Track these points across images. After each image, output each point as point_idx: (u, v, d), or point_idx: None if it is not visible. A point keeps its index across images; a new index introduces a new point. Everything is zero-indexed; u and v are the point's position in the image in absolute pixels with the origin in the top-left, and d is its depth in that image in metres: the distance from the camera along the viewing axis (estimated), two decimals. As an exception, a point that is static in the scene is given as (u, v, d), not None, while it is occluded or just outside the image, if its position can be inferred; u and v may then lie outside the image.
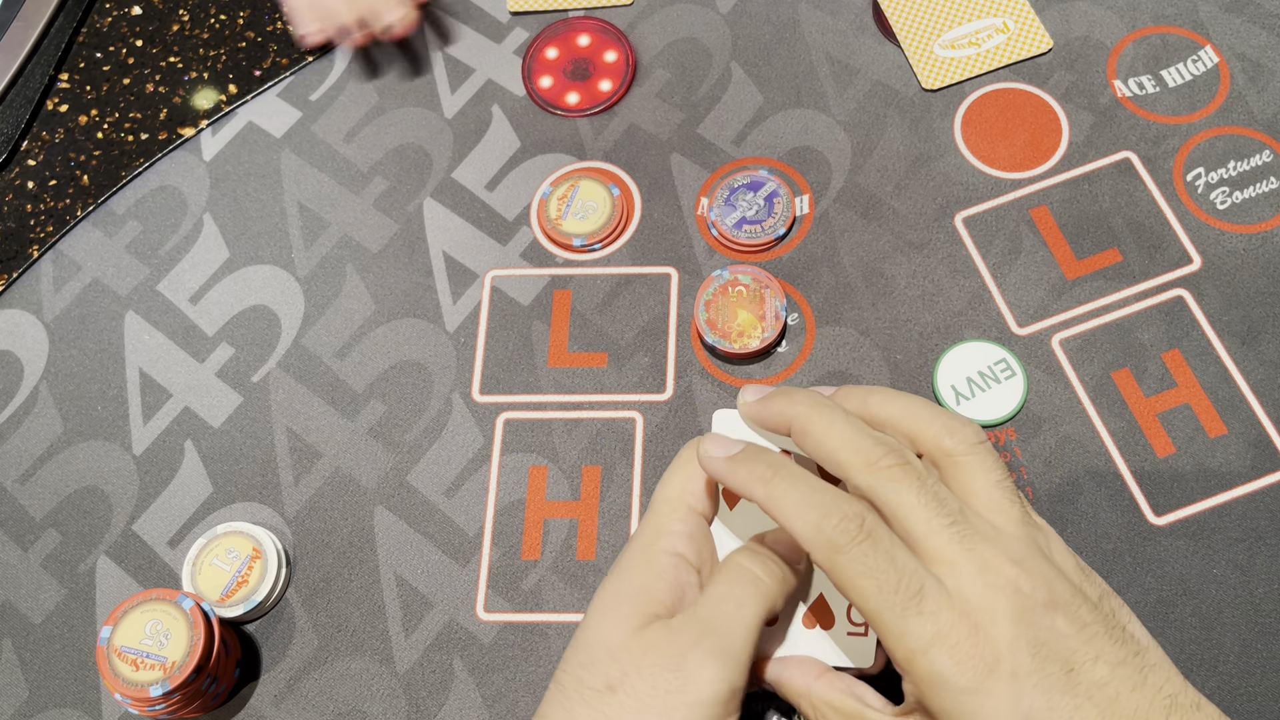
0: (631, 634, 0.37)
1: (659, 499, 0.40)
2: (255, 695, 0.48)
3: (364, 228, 0.58)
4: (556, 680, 0.38)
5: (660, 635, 0.37)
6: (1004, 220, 0.55)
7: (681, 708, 0.35)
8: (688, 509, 0.40)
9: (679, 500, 0.40)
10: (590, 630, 0.38)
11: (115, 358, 0.56)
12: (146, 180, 0.60)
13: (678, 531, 0.39)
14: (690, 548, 0.39)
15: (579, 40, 0.62)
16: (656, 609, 0.37)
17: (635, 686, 0.35)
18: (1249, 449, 0.49)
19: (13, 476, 0.53)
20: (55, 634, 0.50)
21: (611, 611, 0.38)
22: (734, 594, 0.37)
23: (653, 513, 0.40)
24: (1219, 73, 0.57)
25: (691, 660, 0.35)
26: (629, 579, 0.38)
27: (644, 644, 0.36)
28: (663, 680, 0.35)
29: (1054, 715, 0.32)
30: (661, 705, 0.35)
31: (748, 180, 0.56)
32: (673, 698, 0.35)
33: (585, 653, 0.37)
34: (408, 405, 0.53)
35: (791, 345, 0.53)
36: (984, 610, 0.33)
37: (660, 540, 0.39)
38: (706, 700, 0.35)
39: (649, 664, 0.36)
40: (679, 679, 0.35)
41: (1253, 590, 0.46)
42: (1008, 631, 0.32)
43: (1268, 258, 0.53)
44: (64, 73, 0.64)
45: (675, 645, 0.36)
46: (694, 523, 0.39)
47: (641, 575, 0.38)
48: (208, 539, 0.49)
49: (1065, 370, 0.51)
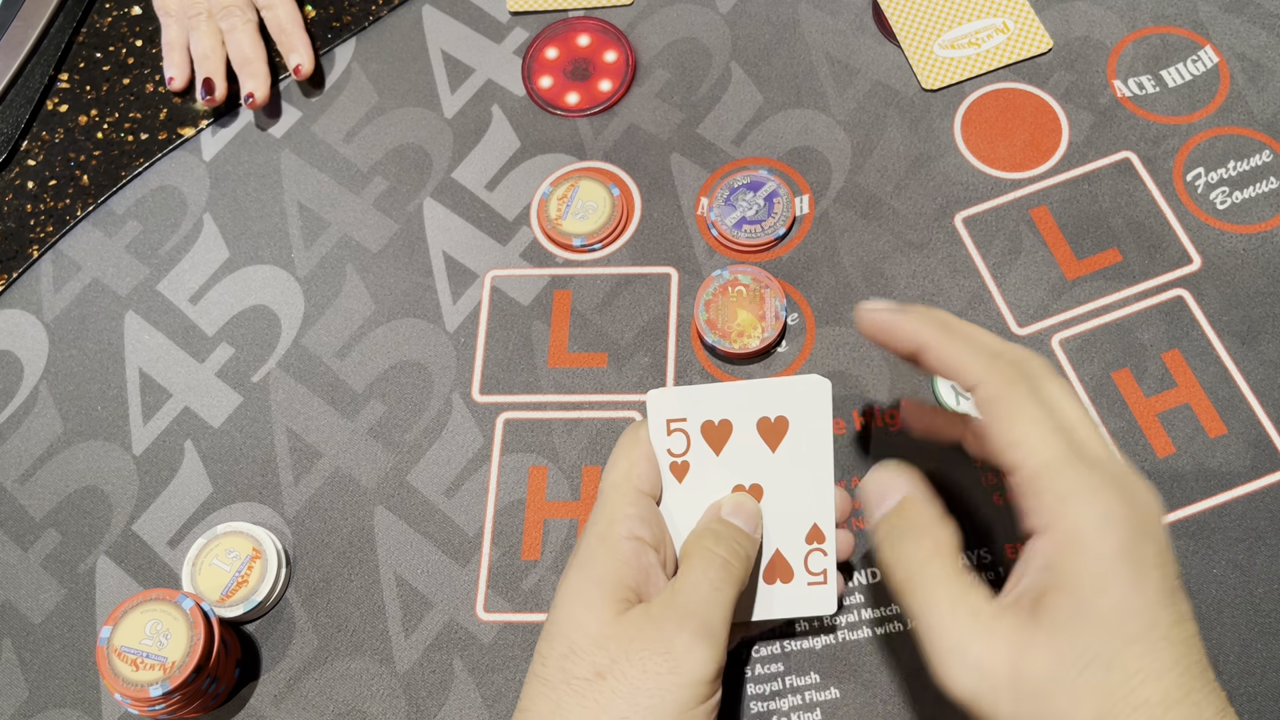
0: (611, 621, 0.37)
1: (607, 485, 0.41)
2: (255, 695, 0.48)
3: (364, 228, 0.58)
4: (536, 675, 0.38)
5: (643, 621, 0.37)
6: (1004, 220, 0.55)
7: (674, 689, 0.36)
8: (636, 492, 0.41)
9: (627, 484, 0.41)
10: (564, 621, 0.38)
11: (115, 358, 0.56)
12: (146, 180, 0.60)
13: (631, 515, 0.40)
14: (645, 529, 0.40)
15: (579, 40, 0.62)
16: (627, 594, 0.38)
17: (625, 672, 0.36)
18: (1249, 449, 0.49)
19: (13, 476, 0.53)
20: (55, 634, 0.50)
21: (583, 601, 0.38)
22: (709, 578, 0.38)
23: (603, 500, 0.41)
24: (1219, 73, 0.57)
25: (679, 643, 0.36)
26: (593, 568, 0.39)
27: (628, 630, 0.37)
28: (653, 664, 0.36)
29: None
30: (653, 687, 0.36)
31: (748, 180, 0.56)
32: (664, 680, 0.36)
33: (563, 643, 0.38)
34: (408, 405, 0.53)
35: (791, 345, 0.53)
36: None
37: (616, 526, 0.40)
38: (698, 680, 0.36)
39: (637, 649, 0.36)
40: (669, 661, 0.36)
41: (1253, 590, 0.46)
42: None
43: (1268, 258, 0.53)
44: (64, 73, 0.64)
45: (660, 630, 0.37)
46: (644, 504, 0.41)
47: (605, 563, 0.39)
48: (208, 539, 0.49)
49: (1065, 370, 0.51)
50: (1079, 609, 0.33)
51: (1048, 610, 0.33)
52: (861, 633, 0.47)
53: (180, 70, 0.62)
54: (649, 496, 0.41)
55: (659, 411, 0.42)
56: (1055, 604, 0.33)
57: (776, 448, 0.42)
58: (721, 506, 0.41)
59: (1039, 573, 0.34)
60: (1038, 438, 0.35)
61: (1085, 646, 0.33)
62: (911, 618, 0.36)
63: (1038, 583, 0.34)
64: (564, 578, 0.40)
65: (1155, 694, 0.32)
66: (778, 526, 0.42)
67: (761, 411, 0.41)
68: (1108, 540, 0.33)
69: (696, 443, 0.42)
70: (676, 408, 0.42)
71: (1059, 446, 0.34)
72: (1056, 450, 0.34)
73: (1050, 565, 0.34)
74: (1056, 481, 0.34)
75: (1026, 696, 0.33)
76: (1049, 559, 0.34)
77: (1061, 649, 0.33)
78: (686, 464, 0.42)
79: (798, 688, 0.46)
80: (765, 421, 0.41)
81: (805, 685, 0.46)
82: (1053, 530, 0.34)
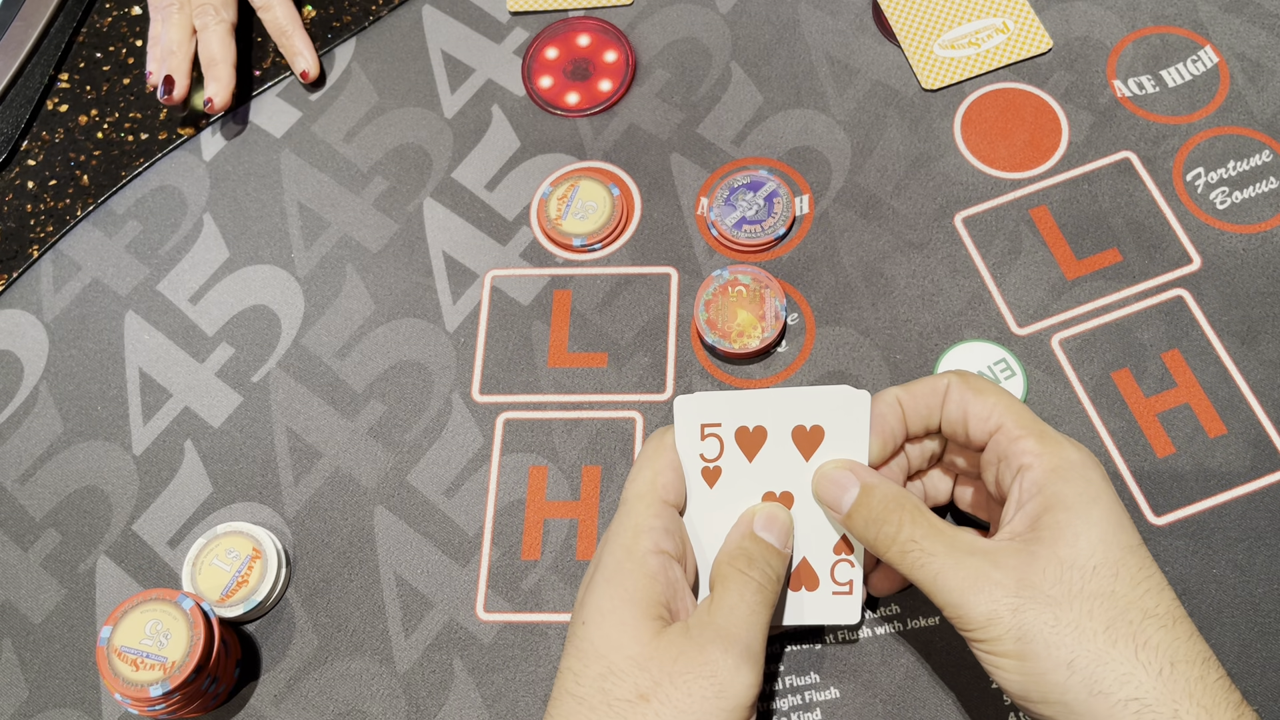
0: (650, 642, 0.37)
1: (631, 495, 0.41)
2: (255, 695, 0.48)
3: (364, 228, 0.58)
4: (570, 693, 0.37)
5: (683, 642, 0.37)
6: (1004, 220, 0.55)
7: (719, 713, 0.36)
8: (660, 503, 0.40)
9: (651, 495, 0.40)
10: (600, 640, 0.38)
11: (115, 358, 0.56)
12: (146, 180, 0.60)
13: (656, 527, 0.40)
14: (670, 541, 0.40)
15: (579, 40, 0.62)
16: (660, 611, 0.38)
17: (669, 695, 0.36)
18: (1249, 449, 0.49)
19: (13, 476, 0.53)
20: (55, 634, 0.50)
21: (616, 619, 0.38)
22: (746, 602, 0.38)
23: (627, 510, 0.40)
24: (1219, 73, 0.57)
25: (725, 667, 0.36)
26: (623, 584, 0.38)
27: (669, 652, 0.37)
28: (699, 687, 0.36)
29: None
30: (700, 711, 0.36)
31: (748, 180, 0.56)
32: (710, 703, 0.36)
33: (600, 663, 0.37)
34: (408, 405, 0.53)
35: (791, 345, 0.53)
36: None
37: (642, 539, 0.39)
38: (743, 704, 0.37)
39: (680, 672, 0.36)
40: (715, 685, 0.36)
41: (1252, 590, 0.46)
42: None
43: (1268, 258, 0.53)
44: (64, 73, 0.64)
45: (704, 653, 0.37)
46: (668, 515, 0.40)
47: (634, 579, 0.38)
48: (208, 539, 0.49)
49: (1065, 370, 0.51)
50: (1076, 519, 0.36)
51: (1047, 528, 0.36)
52: (861, 632, 0.47)
53: (156, 66, 0.59)
54: (672, 507, 0.41)
55: (694, 414, 0.41)
56: (1053, 521, 0.36)
57: (810, 456, 0.41)
58: (754, 520, 0.41)
59: (1031, 501, 0.37)
60: (1005, 403, 0.39)
61: (1090, 552, 0.35)
62: (916, 581, 0.38)
63: (1032, 510, 0.37)
64: (589, 591, 0.39)
65: (1161, 606, 0.35)
66: (806, 535, 0.42)
67: (798, 420, 0.41)
68: (1088, 465, 0.37)
69: (730, 448, 0.41)
70: (712, 412, 0.41)
71: (1021, 407, 0.39)
72: (1022, 409, 0.39)
73: (1042, 489, 0.37)
74: (1033, 425, 0.39)
75: (1041, 605, 0.35)
76: (1040, 485, 0.37)
77: (1065, 556, 0.35)
78: (719, 469, 0.42)
79: (798, 688, 0.46)
80: (801, 430, 0.41)
81: (805, 685, 0.46)
82: (1040, 461, 0.37)
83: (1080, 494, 0.36)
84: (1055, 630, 0.34)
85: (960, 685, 0.45)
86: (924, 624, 0.47)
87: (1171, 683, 0.33)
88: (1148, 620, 0.34)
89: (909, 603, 0.47)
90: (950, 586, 0.36)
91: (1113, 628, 0.34)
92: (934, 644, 0.46)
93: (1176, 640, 0.34)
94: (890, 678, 0.46)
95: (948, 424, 0.41)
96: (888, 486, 0.40)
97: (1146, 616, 0.35)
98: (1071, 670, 0.34)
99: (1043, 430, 0.39)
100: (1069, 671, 0.34)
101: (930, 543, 0.37)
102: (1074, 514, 0.36)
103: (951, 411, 0.41)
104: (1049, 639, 0.34)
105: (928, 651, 0.46)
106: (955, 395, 0.40)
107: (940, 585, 0.36)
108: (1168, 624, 0.35)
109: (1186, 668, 0.34)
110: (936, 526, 0.38)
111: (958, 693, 0.45)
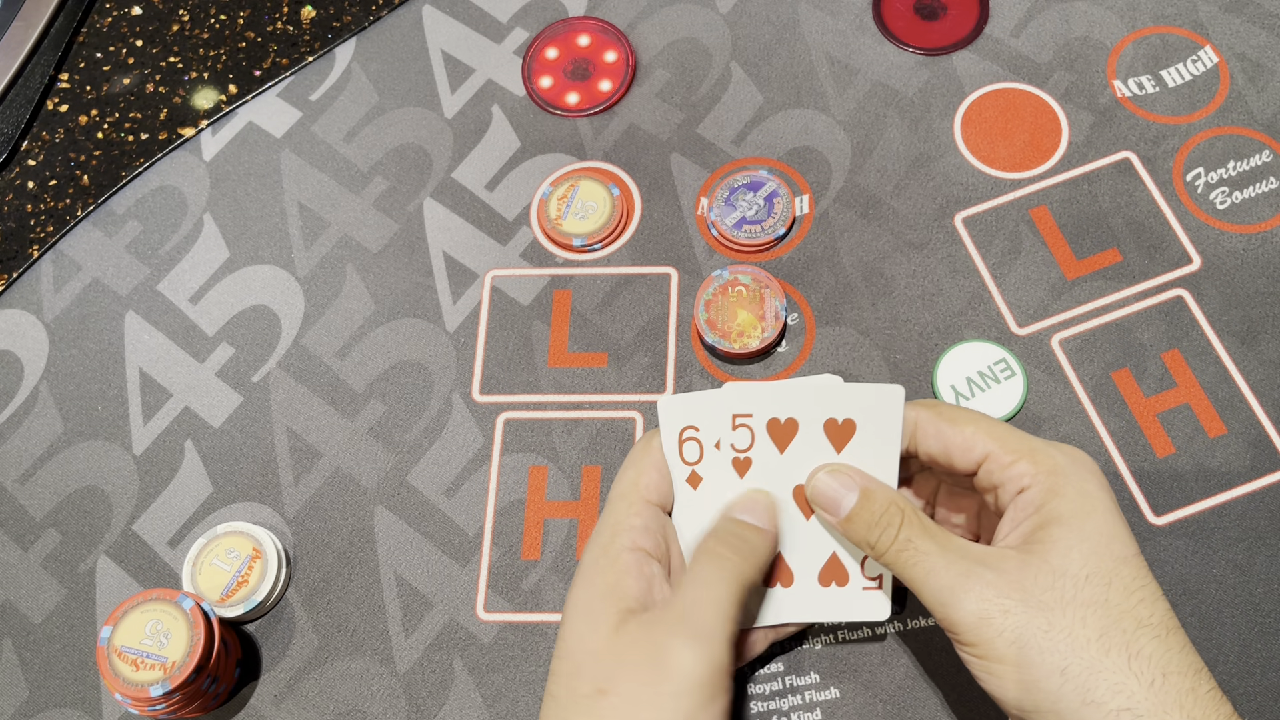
0: (610, 634, 0.37)
1: (613, 496, 0.41)
2: (255, 695, 0.48)
3: (364, 228, 0.58)
4: (550, 693, 0.38)
5: (638, 631, 0.37)
6: (1004, 220, 0.55)
7: (670, 698, 0.35)
8: (642, 502, 0.40)
9: (632, 494, 0.41)
10: (569, 638, 0.38)
11: (115, 358, 0.56)
12: (146, 180, 0.60)
13: (635, 526, 0.40)
14: (649, 540, 0.40)
15: (579, 40, 0.62)
16: (629, 604, 0.38)
17: (623, 686, 0.36)
18: (1249, 449, 0.49)
19: (13, 476, 0.53)
20: (55, 634, 0.50)
21: (585, 615, 0.38)
22: (701, 575, 0.38)
23: (609, 510, 0.41)
24: (1219, 73, 0.57)
25: (670, 649, 0.36)
26: (595, 580, 0.39)
27: (624, 642, 0.37)
28: (645, 674, 0.36)
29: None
30: (650, 698, 0.35)
31: (748, 180, 0.56)
32: (659, 689, 0.35)
33: (569, 661, 0.38)
34: (408, 405, 0.53)
35: (791, 345, 0.53)
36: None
37: (619, 537, 0.39)
38: (691, 685, 0.35)
39: (631, 661, 0.36)
40: (660, 670, 0.36)
41: (1252, 590, 0.46)
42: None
43: (1267, 258, 0.53)
44: (64, 73, 0.64)
45: (653, 637, 0.37)
46: (650, 515, 0.40)
47: (606, 575, 0.39)
48: (208, 539, 0.49)
49: (1065, 370, 0.51)
50: (1069, 533, 0.36)
51: (1041, 541, 0.36)
52: (861, 632, 0.47)
53: None
54: (655, 506, 0.41)
55: (727, 404, 0.41)
56: (1048, 535, 0.36)
57: (841, 450, 0.41)
58: (732, 506, 0.41)
59: (1028, 519, 0.37)
60: (985, 428, 0.39)
61: (1082, 562, 0.35)
62: (907, 580, 0.38)
63: (1027, 527, 0.37)
64: (570, 591, 0.39)
65: (1155, 616, 0.35)
66: (835, 529, 0.42)
67: (830, 413, 0.41)
68: (1084, 475, 0.37)
69: (761, 439, 0.41)
70: (745, 403, 0.41)
71: (1004, 428, 0.39)
72: (1005, 429, 0.39)
73: (1039, 507, 0.37)
74: (1022, 446, 0.38)
75: (1033, 609, 0.35)
76: (1037, 504, 0.37)
77: (1058, 566, 0.35)
78: (749, 460, 0.42)
79: (798, 688, 0.46)
80: (833, 423, 0.41)
81: (805, 685, 0.46)
82: (1037, 482, 0.37)
83: (1076, 509, 0.36)
84: (1048, 636, 0.34)
85: (960, 685, 0.45)
86: (924, 624, 0.47)
87: (1163, 694, 0.33)
88: (1141, 630, 0.34)
89: (909, 603, 0.47)
90: (941, 585, 0.36)
91: (1106, 636, 0.34)
92: (934, 644, 0.46)
93: (1169, 651, 0.34)
94: (890, 678, 0.46)
95: (927, 457, 0.41)
96: (886, 490, 0.40)
97: (1140, 626, 0.34)
98: (1065, 678, 0.34)
99: (1032, 448, 0.38)
100: (1062, 679, 0.34)
101: (923, 542, 0.37)
102: (1068, 528, 0.36)
103: (930, 445, 0.40)
104: (1041, 644, 0.34)
105: (928, 651, 0.46)
106: (929, 429, 0.40)
107: (931, 584, 0.36)
108: (1161, 634, 0.34)
109: (1179, 679, 0.34)
110: (930, 529, 0.38)
111: (958, 693, 0.45)
